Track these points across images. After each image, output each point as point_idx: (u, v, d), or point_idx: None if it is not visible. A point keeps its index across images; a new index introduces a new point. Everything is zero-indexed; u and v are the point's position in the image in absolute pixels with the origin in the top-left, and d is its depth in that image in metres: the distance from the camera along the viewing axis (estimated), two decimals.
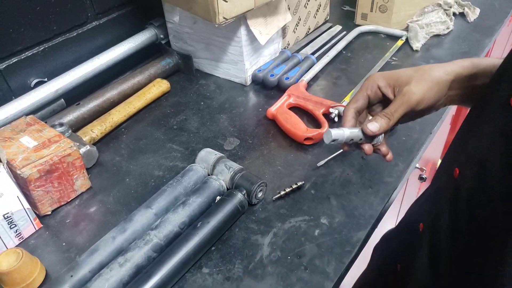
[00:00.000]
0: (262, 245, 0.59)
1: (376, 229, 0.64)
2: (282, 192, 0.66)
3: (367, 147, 0.55)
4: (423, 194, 0.64)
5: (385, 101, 0.56)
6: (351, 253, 0.58)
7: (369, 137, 0.54)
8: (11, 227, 0.60)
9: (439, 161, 1.87)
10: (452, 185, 0.48)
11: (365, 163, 0.71)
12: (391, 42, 1.05)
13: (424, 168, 1.14)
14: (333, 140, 0.53)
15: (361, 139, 0.54)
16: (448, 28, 1.06)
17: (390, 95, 0.54)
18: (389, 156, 0.57)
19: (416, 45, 1.01)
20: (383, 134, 0.54)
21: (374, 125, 0.52)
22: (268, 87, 0.90)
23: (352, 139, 0.54)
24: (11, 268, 0.53)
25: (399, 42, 1.03)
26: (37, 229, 0.64)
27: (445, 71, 0.51)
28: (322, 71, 0.95)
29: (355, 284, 0.82)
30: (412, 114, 0.54)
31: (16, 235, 0.62)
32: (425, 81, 0.51)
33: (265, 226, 0.62)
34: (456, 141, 0.55)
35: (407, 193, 1.19)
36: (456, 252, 0.47)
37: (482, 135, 0.44)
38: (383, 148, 0.56)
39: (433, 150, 1.43)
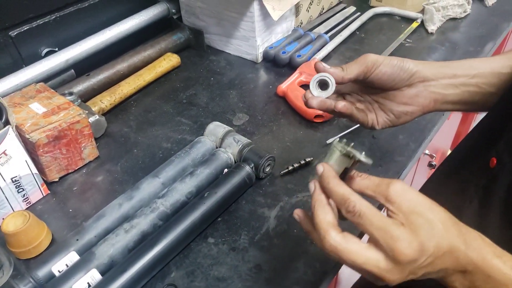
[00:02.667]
0: (269, 217, 0.59)
1: None
2: (290, 167, 0.66)
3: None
4: (432, 180, 0.62)
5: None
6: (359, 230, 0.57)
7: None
8: (19, 191, 0.61)
9: (449, 151, 1.85)
10: (486, 175, 0.46)
11: (376, 142, 0.70)
12: (406, 25, 1.02)
13: (434, 155, 1.13)
14: None
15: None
16: (465, 12, 1.04)
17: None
18: (340, 106, 0.51)
19: (432, 27, 0.99)
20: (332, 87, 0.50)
21: (324, 64, 0.49)
22: (279, 65, 0.89)
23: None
24: (18, 229, 0.54)
25: (414, 25, 1.01)
26: (44, 195, 0.64)
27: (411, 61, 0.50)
28: (334, 50, 0.94)
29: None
30: (384, 100, 0.52)
31: (24, 199, 0.62)
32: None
33: (272, 200, 0.62)
34: (489, 128, 0.52)
35: (416, 180, 1.18)
36: None
37: None
38: (339, 105, 0.51)
39: (443, 139, 1.42)
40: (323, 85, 0.51)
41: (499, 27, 0.99)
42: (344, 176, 0.40)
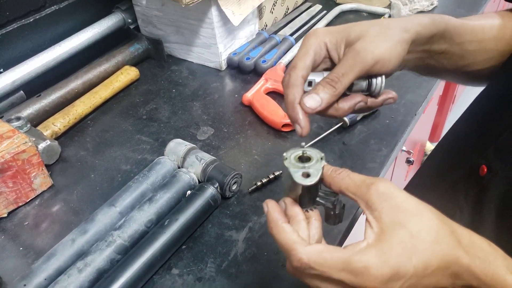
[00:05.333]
0: (237, 241, 0.55)
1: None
2: (259, 183, 0.62)
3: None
4: (415, 184, 0.59)
5: (331, 67, 0.42)
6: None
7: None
8: None
9: (427, 143, 1.84)
10: (476, 184, 0.43)
11: (346, 149, 0.67)
12: None
13: (411, 151, 1.11)
14: None
15: None
16: (432, 4, 1.01)
17: (336, 57, 0.41)
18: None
19: None
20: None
21: (313, 99, 0.38)
22: (244, 72, 0.85)
23: None
24: None
25: None
26: None
27: (405, 28, 0.40)
28: None
29: None
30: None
31: None
32: (384, 37, 0.39)
33: (240, 221, 0.58)
34: (476, 132, 0.48)
35: (395, 177, 1.16)
36: None
37: None
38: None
39: (420, 132, 1.40)
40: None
41: None
42: (310, 188, 0.35)
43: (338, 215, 0.37)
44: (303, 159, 0.36)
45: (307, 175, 0.34)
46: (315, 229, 0.35)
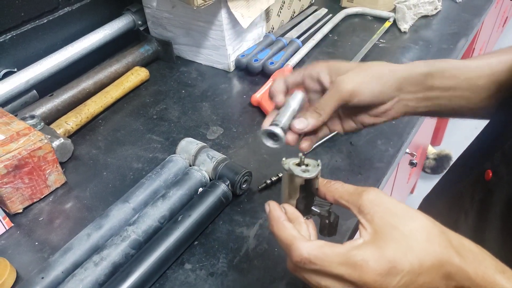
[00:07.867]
0: (248, 237, 0.56)
1: None
2: (268, 182, 0.63)
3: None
4: (434, 191, 0.60)
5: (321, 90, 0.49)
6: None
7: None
8: None
9: (429, 147, 1.86)
10: (481, 188, 0.44)
11: (354, 149, 0.68)
12: (379, 24, 1.01)
13: (414, 153, 1.12)
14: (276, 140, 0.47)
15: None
16: (436, 9, 1.03)
17: (327, 85, 0.47)
18: (304, 146, 0.48)
19: (404, 26, 0.98)
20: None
21: (302, 122, 0.45)
22: (253, 73, 0.87)
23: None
24: None
25: (387, 24, 1.00)
26: (7, 228, 0.60)
27: (390, 68, 0.46)
28: (308, 55, 0.92)
29: None
30: (355, 113, 0.48)
31: None
32: (363, 72, 0.45)
33: (251, 218, 0.59)
34: (484, 137, 0.50)
35: (398, 179, 1.17)
36: None
37: None
38: (303, 146, 0.48)
39: (423, 135, 1.42)
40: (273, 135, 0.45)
41: (470, 23, 0.99)
42: (307, 192, 0.38)
43: (332, 225, 0.39)
44: (301, 164, 0.39)
45: (305, 171, 0.37)
46: (313, 237, 0.37)
